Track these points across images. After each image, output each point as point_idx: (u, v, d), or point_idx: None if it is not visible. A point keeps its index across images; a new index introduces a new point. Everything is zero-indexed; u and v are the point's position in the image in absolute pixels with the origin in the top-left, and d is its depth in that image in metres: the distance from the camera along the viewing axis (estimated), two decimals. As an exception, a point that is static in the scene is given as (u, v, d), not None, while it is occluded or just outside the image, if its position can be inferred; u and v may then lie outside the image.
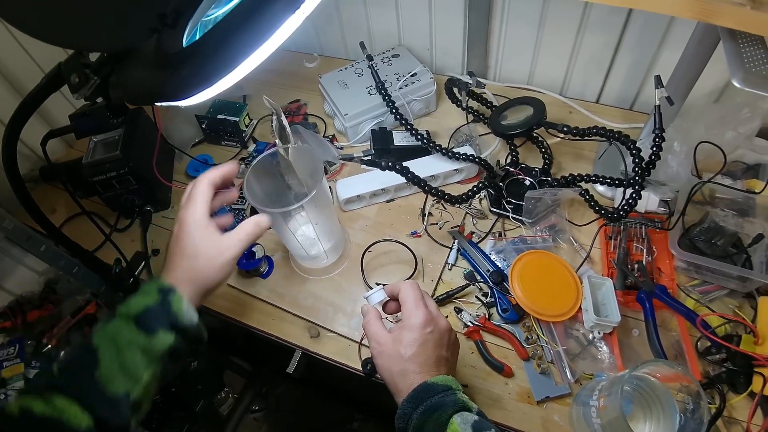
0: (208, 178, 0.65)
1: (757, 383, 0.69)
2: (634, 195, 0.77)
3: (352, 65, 1.14)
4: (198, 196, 0.63)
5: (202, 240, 0.61)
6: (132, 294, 0.59)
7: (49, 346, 1.06)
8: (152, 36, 0.51)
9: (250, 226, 0.65)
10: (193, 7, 0.52)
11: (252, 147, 1.11)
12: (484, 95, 1.06)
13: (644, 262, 0.85)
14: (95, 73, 0.58)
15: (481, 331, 0.82)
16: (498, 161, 1.01)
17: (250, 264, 0.89)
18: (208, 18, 0.48)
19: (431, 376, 0.58)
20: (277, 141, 0.87)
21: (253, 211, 0.99)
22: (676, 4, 0.56)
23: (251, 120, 1.16)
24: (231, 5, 0.44)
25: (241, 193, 1.03)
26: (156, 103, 0.49)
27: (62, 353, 1.06)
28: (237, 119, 1.08)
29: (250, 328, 0.88)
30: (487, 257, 0.88)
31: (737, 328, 0.77)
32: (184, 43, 0.48)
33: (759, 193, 0.82)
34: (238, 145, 1.13)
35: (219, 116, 1.08)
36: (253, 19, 0.40)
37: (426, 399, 0.55)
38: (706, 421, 0.58)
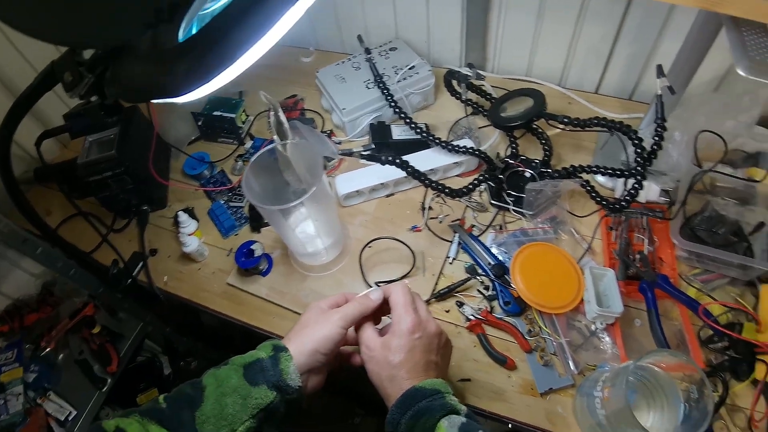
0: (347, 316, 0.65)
1: (760, 371, 0.70)
2: (635, 185, 0.76)
3: (349, 59, 1.13)
4: (331, 297, 0.68)
5: (318, 314, 0.65)
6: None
7: (48, 349, 1.06)
8: (148, 31, 0.51)
9: (360, 299, 0.67)
10: (190, 1, 0.51)
11: (249, 144, 1.10)
12: (482, 87, 1.05)
13: (646, 252, 0.84)
14: (89, 71, 0.57)
15: (483, 325, 0.82)
16: (498, 153, 1.01)
17: (249, 262, 0.88)
18: (205, 12, 0.47)
19: (420, 381, 0.58)
20: (275, 137, 0.87)
21: (252, 208, 0.99)
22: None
23: (248, 116, 1.15)
24: (228, -1, 0.43)
25: (239, 190, 1.03)
26: (153, 101, 0.48)
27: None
28: (233, 116, 1.07)
29: (250, 326, 0.88)
30: (487, 250, 0.87)
31: (739, 316, 0.76)
32: (181, 37, 0.47)
33: (760, 181, 0.82)
34: (235, 142, 1.12)
35: (215, 113, 1.07)
36: (252, 12, 0.39)
37: (414, 404, 0.56)
38: (710, 410, 0.58)
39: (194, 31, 0.49)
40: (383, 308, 0.70)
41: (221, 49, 0.41)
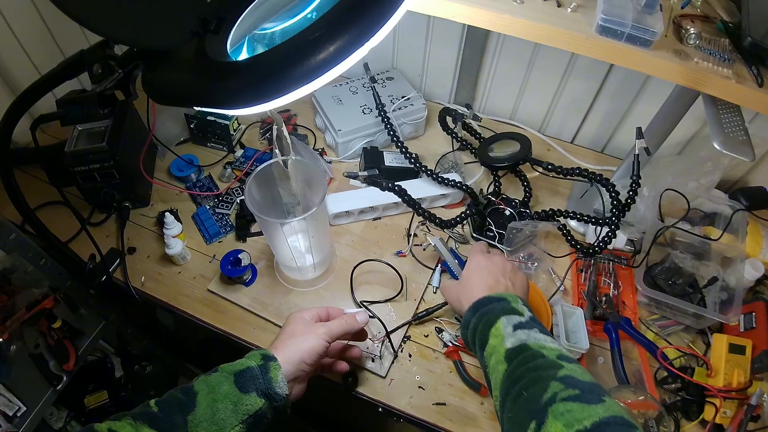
0: (331, 331, 0.70)
1: (708, 412, 0.77)
2: (609, 233, 0.83)
3: (347, 82, 1.16)
4: (313, 308, 0.74)
5: (304, 326, 0.70)
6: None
7: (1, 340, 0.99)
8: (192, 39, 0.52)
9: (347, 318, 0.73)
10: (236, 16, 0.53)
11: (240, 152, 1.11)
12: (471, 126, 1.11)
13: (611, 295, 0.91)
14: (120, 66, 0.58)
15: (459, 352, 0.85)
16: (481, 190, 1.06)
17: (235, 271, 0.88)
18: (263, 32, 0.49)
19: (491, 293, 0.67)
20: (276, 151, 0.88)
21: (239, 217, 0.99)
22: (674, 72, 0.63)
23: (239, 125, 1.16)
24: (290, 23, 0.45)
25: (226, 198, 1.03)
26: (194, 107, 0.49)
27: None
28: (228, 122, 1.07)
29: (229, 335, 0.87)
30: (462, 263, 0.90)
31: (690, 361, 0.84)
32: (230, 50, 0.49)
33: (716, 240, 0.91)
34: (225, 149, 1.12)
35: (209, 117, 1.07)
36: (322, 47, 0.41)
37: (482, 307, 0.65)
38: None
39: (247, 50, 0.51)
40: (361, 333, 0.77)
41: (281, 77, 0.42)
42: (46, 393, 0.99)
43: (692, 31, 0.71)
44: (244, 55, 0.51)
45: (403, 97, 1.11)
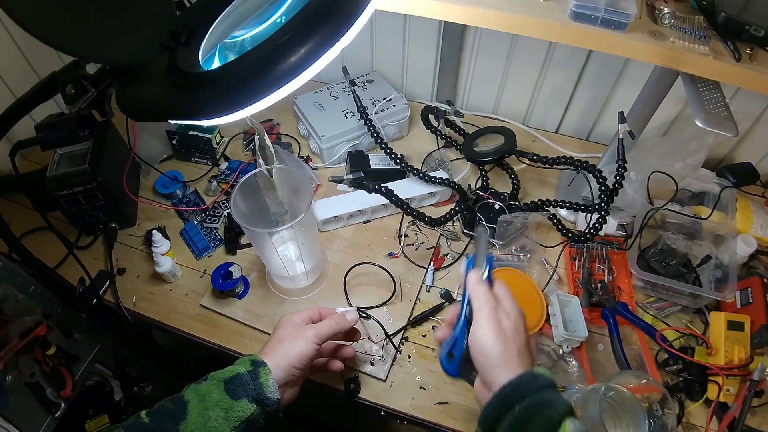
0: (320, 332, 0.69)
1: (712, 391, 0.76)
2: (600, 220, 0.83)
3: (327, 88, 1.16)
4: (304, 310, 0.72)
5: (293, 329, 0.68)
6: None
7: (-5, 371, 0.98)
8: (163, 52, 0.52)
9: (336, 317, 0.72)
10: (206, 27, 0.53)
11: (224, 165, 1.10)
12: (455, 123, 1.11)
13: (606, 281, 0.91)
14: (93, 85, 0.57)
15: (459, 349, 0.85)
16: (469, 185, 1.06)
17: (226, 284, 0.87)
18: (234, 40, 0.49)
19: (526, 367, 0.55)
20: (259, 161, 0.88)
21: (228, 230, 0.98)
22: (651, 53, 0.63)
23: (222, 138, 1.15)
24: (260, 30, 0.44)
25: (213, 211, 1.02)
26: (169, 121, 0.48)
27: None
28: (210, 136, 1.06)
29: (225, 349, 0.86)
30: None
31: (690, 341, 0.84)
32: (201, 61, 0.49)
33: (706, 218, 0.91)
34: (210, 162, 1.11)
35: (191, 132, 1.06)
36: (292, 50, 0.41)
37: (531, 392, 0.51)
38: (674, 425, 0.64)
39: (216, 57, 0.51)
40: (353, 332, 0.76)
41: (255, 84, 0.42)
42: (45, 421, 0.98)
43: (666, 11, 0.71)
44: (216, 65, 0.50)
45: (384, 99, 1.11)
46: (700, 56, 0.62)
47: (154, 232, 0.91)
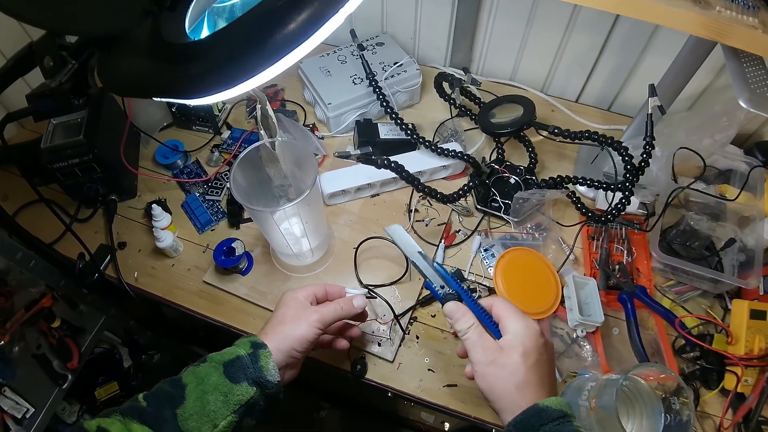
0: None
1: (729, 380, 0.74)
2: (623, 200, 0.78)
3: (335, 51, 1.09)
4: (309, 287, 0.69)
5: (296, 311, 0.66)
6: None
7: (2, 342, 0.98)
8: (145, 19, 0.46)
9: (343, 302, 0.69)
10: (195, -10, 0.47)
11: (226, 134, 1.05)
12: (469, 90, 1.05)
13: (625, 263, 0.87)
14: (73, 57, 0.53)
15: (468, 331, 0.82)
16: (483, 158, 1.01)
17: (229, 261, 0.85)
18: (223, 5, 0.43)
19: (543, 397, 0.54)
20: (261, 132, 0.83)
21: (230, 203, 0.95)
22: (693, 23, 0.57)
23: (224, 105, 1.10)
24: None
25: (215, 183, 0.98)
26: (155, 99, 0.43)
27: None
28: (211, 103, 1.01)
29: (229, 327, 0.84)
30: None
31: (708, 328, 0.81)
32: (188, 29, 0.43)
33: (733, 200, 0.86)
34: (211, 131, 1.06)
35: (191, 99, 1.01)
36: (290, 16, 0.36)
37: (542, 425, 0.50)
38: (692, 421, 0.61)
39: (205, 25, 0.46)
40: (362, 314, 0.73)
41: (250, 54, 0.36)
42: (52, 393, 0.99)
43: (711, -25, 0.63)
44: (205, 34, 0.45)
45: (395, 64, 1.04)
46: (748, 29, 0.56)
47: (154, 206, 0.87)
